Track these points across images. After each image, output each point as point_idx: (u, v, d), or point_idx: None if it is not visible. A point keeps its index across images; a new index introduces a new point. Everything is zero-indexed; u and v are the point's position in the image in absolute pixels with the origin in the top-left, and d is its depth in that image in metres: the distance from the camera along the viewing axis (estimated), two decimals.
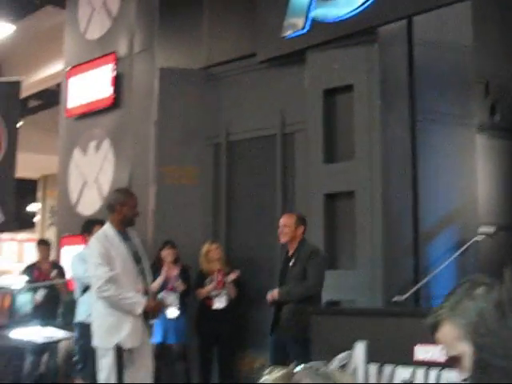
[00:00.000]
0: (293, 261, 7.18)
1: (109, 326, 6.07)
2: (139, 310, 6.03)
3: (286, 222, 7.33)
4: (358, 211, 7.98)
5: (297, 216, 7.43)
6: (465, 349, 2.01)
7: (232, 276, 8.47)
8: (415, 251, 7.99)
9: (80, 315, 7.96)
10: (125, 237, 6.31)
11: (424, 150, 8.14)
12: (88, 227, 8.12)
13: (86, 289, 7.86)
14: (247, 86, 9.48)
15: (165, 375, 8.42)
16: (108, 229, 6.29)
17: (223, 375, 8.53)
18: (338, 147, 8.40)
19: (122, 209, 6.29)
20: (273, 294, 7.09)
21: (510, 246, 8.53)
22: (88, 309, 7.32)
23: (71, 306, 8.49)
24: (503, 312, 2.15)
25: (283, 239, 7.33)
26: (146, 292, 6.24)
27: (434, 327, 2.17)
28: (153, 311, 6.19)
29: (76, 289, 8.26)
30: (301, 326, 6.78)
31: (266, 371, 1.47)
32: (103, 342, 6.03)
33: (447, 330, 2.14)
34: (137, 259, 6.31)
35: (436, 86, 8.24)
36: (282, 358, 6.77)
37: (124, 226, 6.33)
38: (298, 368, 1.47)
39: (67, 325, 8.78)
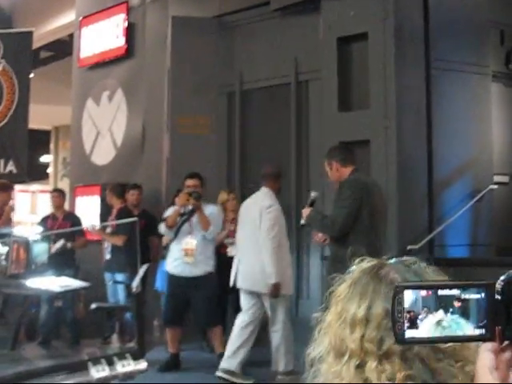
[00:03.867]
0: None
1: None
2: None
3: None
4: (372, 160, 7.96)
5: None
6: None
7: None
8: (430, 200, 8.00)
9: None
10: None
11: (438, 98, 8.10)
12: None
13: None
14: (261, 35, 9.41)
15: None
16: None
17: None
18: (353, 95, 8.36)
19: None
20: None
21: None
22: None
23: None
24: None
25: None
26: None
27: None
28: None
29: None
30: None
31: (357, 261, 1.46)
32: None
33: None
34: None
35: (451, 34, 8.16)
36: None
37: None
38: (391, 261, 1.45)
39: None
